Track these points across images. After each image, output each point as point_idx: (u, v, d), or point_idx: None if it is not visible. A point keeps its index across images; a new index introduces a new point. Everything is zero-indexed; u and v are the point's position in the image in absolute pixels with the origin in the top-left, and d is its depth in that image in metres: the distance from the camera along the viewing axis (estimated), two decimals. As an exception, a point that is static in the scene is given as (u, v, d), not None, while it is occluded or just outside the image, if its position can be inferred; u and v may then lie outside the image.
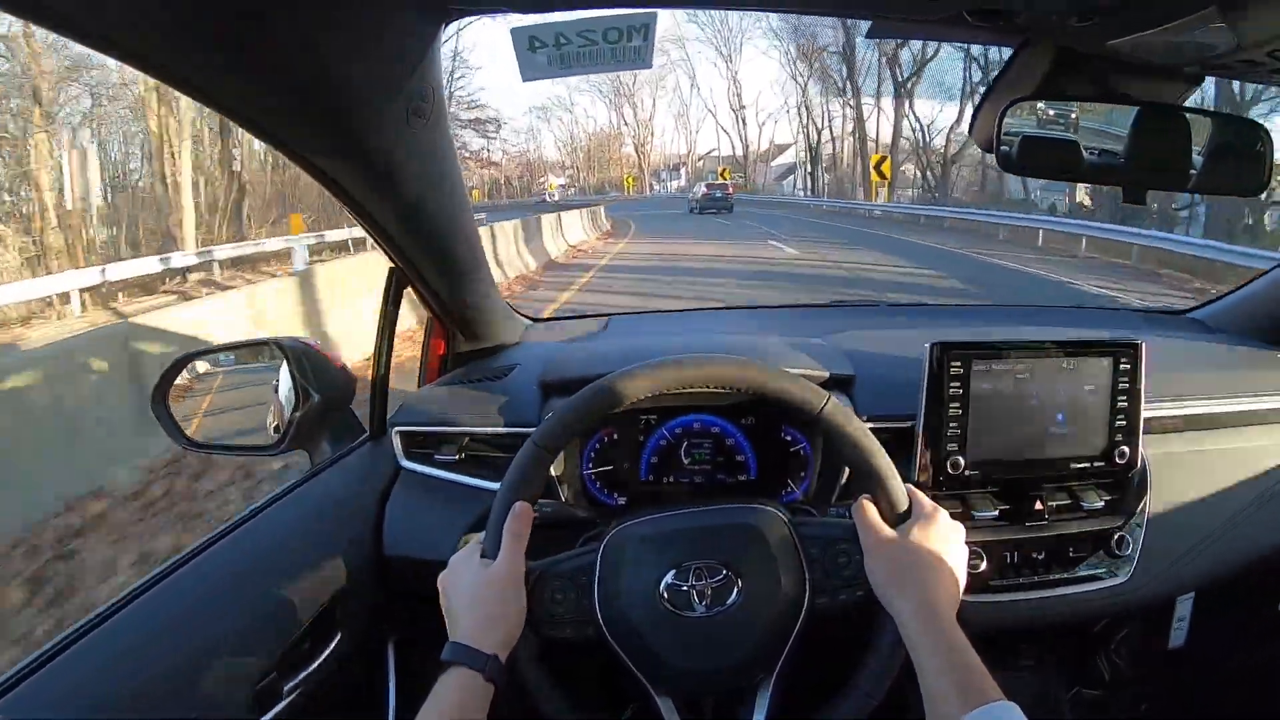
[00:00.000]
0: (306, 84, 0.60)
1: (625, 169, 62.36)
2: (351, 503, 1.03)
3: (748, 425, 1.03)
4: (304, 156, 0.70)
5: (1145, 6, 0.70)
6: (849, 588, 0.72)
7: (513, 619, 0.68)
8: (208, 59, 0.54)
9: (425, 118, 0.73)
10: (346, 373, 1.12)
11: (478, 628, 0.66)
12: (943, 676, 0.62)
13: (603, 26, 0.77)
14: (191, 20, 0.50)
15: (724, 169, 41.21)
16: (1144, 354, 0.96)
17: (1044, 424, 0.96)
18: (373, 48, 0.63)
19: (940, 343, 0.94)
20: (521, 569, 0.70)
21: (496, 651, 0.65)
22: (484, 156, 58.26)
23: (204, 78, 0.56)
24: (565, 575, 0.72)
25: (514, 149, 65.01)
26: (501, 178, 63.71)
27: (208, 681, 0.76)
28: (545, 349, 1.22)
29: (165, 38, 0.51)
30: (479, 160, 58.60)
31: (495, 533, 0.72)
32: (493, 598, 0.68)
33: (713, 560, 0.71)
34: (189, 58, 0.53)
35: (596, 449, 1.03)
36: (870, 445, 0.74)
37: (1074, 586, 0.98)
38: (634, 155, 63.92)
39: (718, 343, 1.21)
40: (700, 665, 0.70)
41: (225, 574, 0.86)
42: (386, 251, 0.94)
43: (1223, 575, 1.05)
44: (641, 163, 63.10)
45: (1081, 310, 1.69)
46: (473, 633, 0.66)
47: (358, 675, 1.00)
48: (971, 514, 0.95)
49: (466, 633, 0.66)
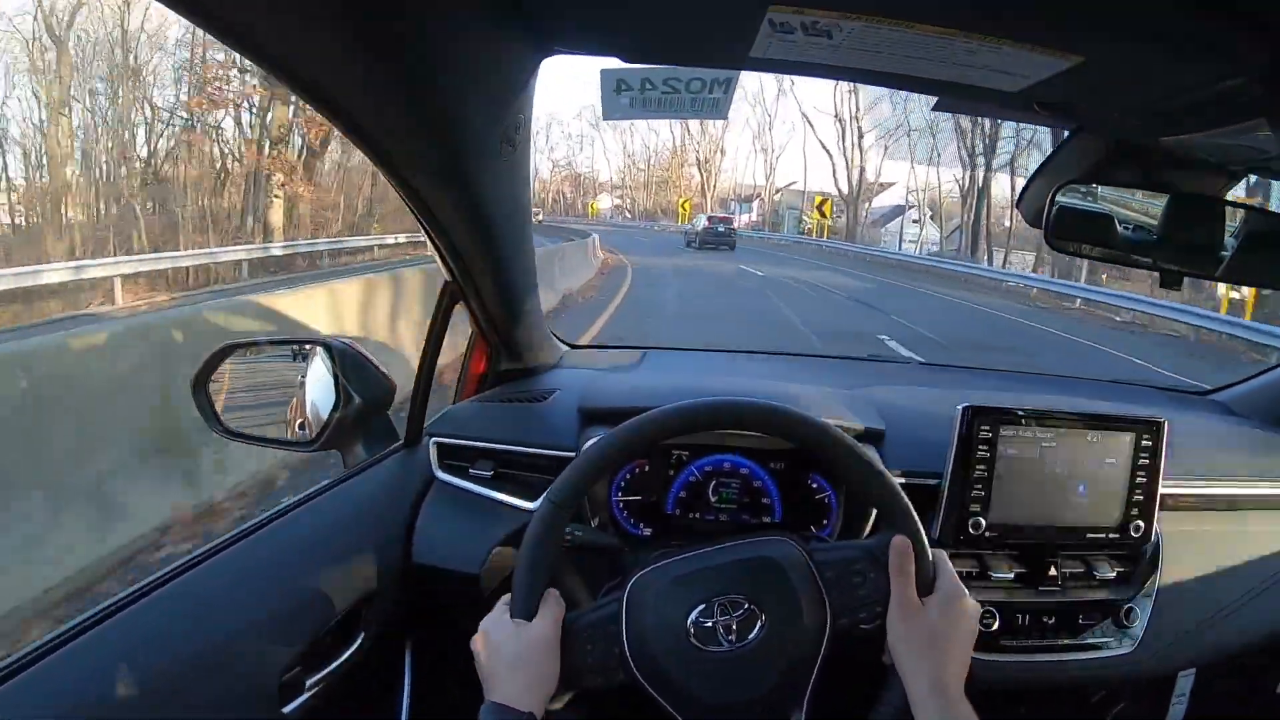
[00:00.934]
0: (419, 109, 0.63)
1: (684, 192, 50.08)
2: (384, 508, 1.05)
3: (776, 469, 1.05)
4: (396, 170, 0.72)
5: (1199, 113, 0.74)
6: (868, 605, 0.73)
7: (550, 678, 0.70)
8: (331, 70, 0.57)
9: (514, 146, 0.77)
10: (387, 378, 1.14)
11: (515, 688, 0.67)
12: None
13: (688, 77, 0.81)
14: (323, 35, 0.53)
15: (823, 199, 33.58)
16: (1165, 432, 1.00)
17: (1065, 493, 0.99)
18: (482, 80, 0.66)
19: (972, 406, 0.97)
20: (559, 631, 0.72)
21: (533, 709, 0.66)
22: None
23: (324, 86, 0.59)
24: (593, 626, 0.73)
25: (560, 157, 57.50)
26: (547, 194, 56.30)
27: (238, 670, 0.78)
28: (585, 376, 1.25)
29: (297, 45, 0.54)
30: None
31: (523, 593, 0.73)
32: (533, 660, 0.69)
33: (734, 595, 0.72)
34: (314, 65, 0.57)
35: (627, 479, 1.05)
36: (892, 492, 0.76)
37: (1080, 653, 1.00)
38: (697, 175, 51.02)
39: (755, 387, 1.24)
40: (731, 699, 0.71)
41: (260, 564, 0.88)
42: (447, 265, 0.97)
43: (1226, 654, 1.07)
44: (705, 185, 49.79)
45: (1108, 384, 1.72)
46: (510, 693, 0.67)
47: (375, 673, 1.01)
48: (988, 573, 0.98)
49: (506, 694, 0.67)
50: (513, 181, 0.84)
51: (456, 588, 1.03)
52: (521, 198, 0.90)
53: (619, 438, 0.76)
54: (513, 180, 0.84)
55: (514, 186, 0.85)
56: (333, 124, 0.60)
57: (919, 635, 0.71)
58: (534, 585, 0.73)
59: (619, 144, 62.39)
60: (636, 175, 57.82)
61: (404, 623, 1.07)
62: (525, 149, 0.81)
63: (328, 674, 0.88)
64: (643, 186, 57.27)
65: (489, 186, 0.80)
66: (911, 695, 0.69)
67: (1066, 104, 0.77)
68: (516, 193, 0.88)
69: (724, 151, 50.21)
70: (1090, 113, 0.79)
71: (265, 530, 0.91)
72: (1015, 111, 0.85)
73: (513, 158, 0.79)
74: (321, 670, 0.87)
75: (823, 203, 28.09)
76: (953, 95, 0.77)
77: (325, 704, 0.87)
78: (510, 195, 0.86)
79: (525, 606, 0.72)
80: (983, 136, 29.11)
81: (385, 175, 0.71)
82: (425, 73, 0.60)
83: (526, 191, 0.91)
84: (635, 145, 58.27)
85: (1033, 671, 1.00)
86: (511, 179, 0.83)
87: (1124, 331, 11.75)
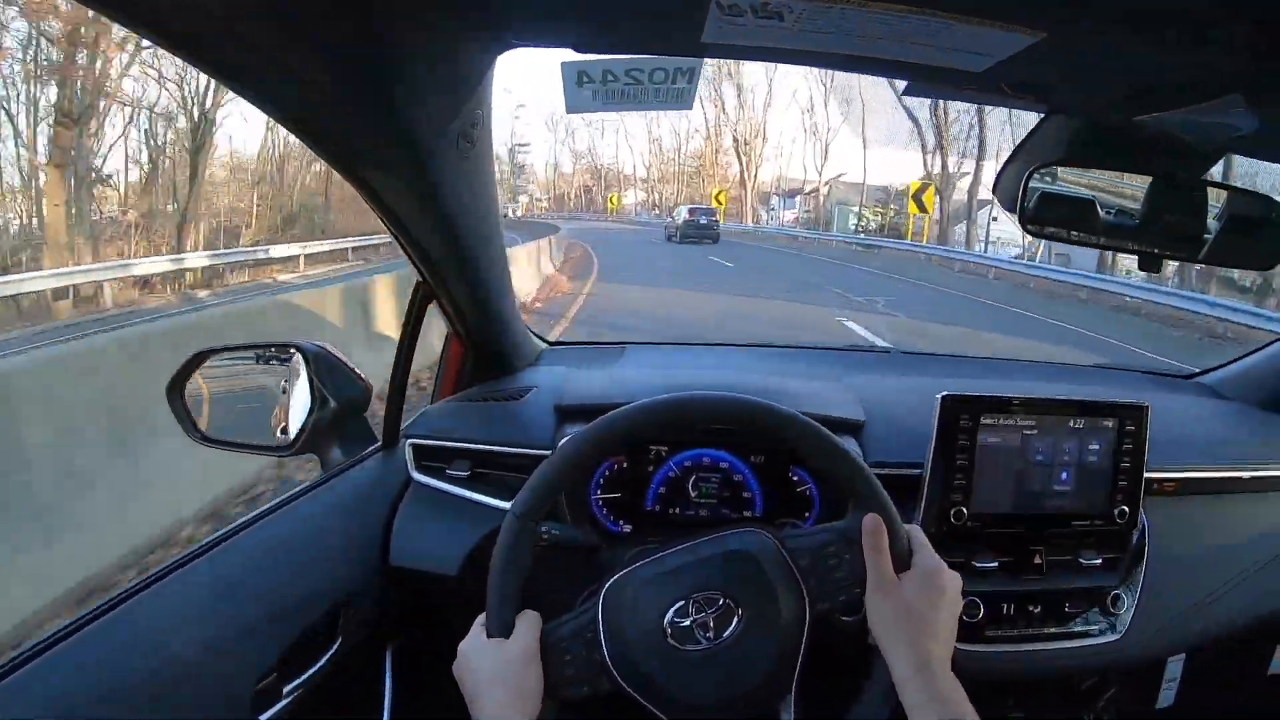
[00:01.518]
0: (368, 104, 0.62)
1: (719, 183, 40.65)
2: (361, 511, 1.04)
3: (756, 463, 1.04)
4: (354, 171, 0.71)
5: (1173, 89, 0.72)
6: (845, 588, 0.72)
7: (534, 693, 0.69)
8: (278, 71, 0.56)
9: (473, 143, 0.76)
10: (363, 380, 1.13)
11: (500, 707, 0.67)
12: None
13: (650, 67, 0.79)
14: (265, 32, 0.52)
15: (923, 185, 25.74)
16: (1149, 417, 0.99)
17: (1048, 480, 0.98)
18: (434, 74, 0.65)
19: (951, 395, 0.96)
20: (538, 645, 0.71)
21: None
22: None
23: (272, 89, 0.58)
24: (572, 635, 0.72)
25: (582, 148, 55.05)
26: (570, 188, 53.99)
27: (210, 677, 0.77)
28: (562, 373, 1.23)
29: (243, 50, 0.53)
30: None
31: (496, 610, 0.72)
32: (514, 675, 0.68)
33: (709, 591, 0.71)
34: (261, 68, 0.56)
35: (606, 475, 1.04)
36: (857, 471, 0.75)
37: (1067, 641, 0.99)
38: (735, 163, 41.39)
39: (730, 380, 1.23)
40: (716, 697, 0.70)
41: (233, 572, 0.87)
42: (417, 266, 0.96)
43: (1215, 638, 1.06)
44: (745, 174, 40.27)
45: (1089, 369, 1.71)
46: (495, 712, 0.66)
47: (355, 679, 1.00)
48: (972, 563, 0.97)
49: (488, 713, 0.66)
50: (476, 179, 0.83)
51: (435, 590, 1.03)
52: (487, 195, 0.89)
53: (585, 440, 0.75)
54: (476, 177, 0.83)
55: (478, 184, 0.84)
56: (277, 120, 0.59)
57: (899, 612, 0.70)
58: (507, 601, 0.72)
59: (644, 130, 56.73)
60: (666, 165, 50.74)
61: (384, 627, 1.06)
62: (486, 146, 0.80)
63: (305, 680, 0.87)
64: (672, 178, 50.05)
65: (450, 184, 0.79)
66: (896, 674, 0.68)
67: (1035, 84, 0.76)
68: (481, 190, 0.87)
69: (765, 137, 41.26)
70: (1059, 93, 0.78)
71: (240, 536, 0.90)
72: (986, 94, 0.84)
73: (473, 154, 0.77)
74: (298, 677, 0.87)
75: (922, 190, 23.05)
76: (918, 78, 0.76)
77: (303, 711, 0.86)
78: (474, 192, 0.85)
79: (500, 623, 0.71)
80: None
81: (339, 172, 0.70)
82: (375, 68, 0.59)
83: (492, 188, 0.90)
84: (662, 130, 53.01)
85: (1020, 662, 0.99)
86: (474, 176, 0.82)
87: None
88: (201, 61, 0.53)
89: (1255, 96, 0.68)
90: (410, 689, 1.08)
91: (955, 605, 0.72)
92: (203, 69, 0.54)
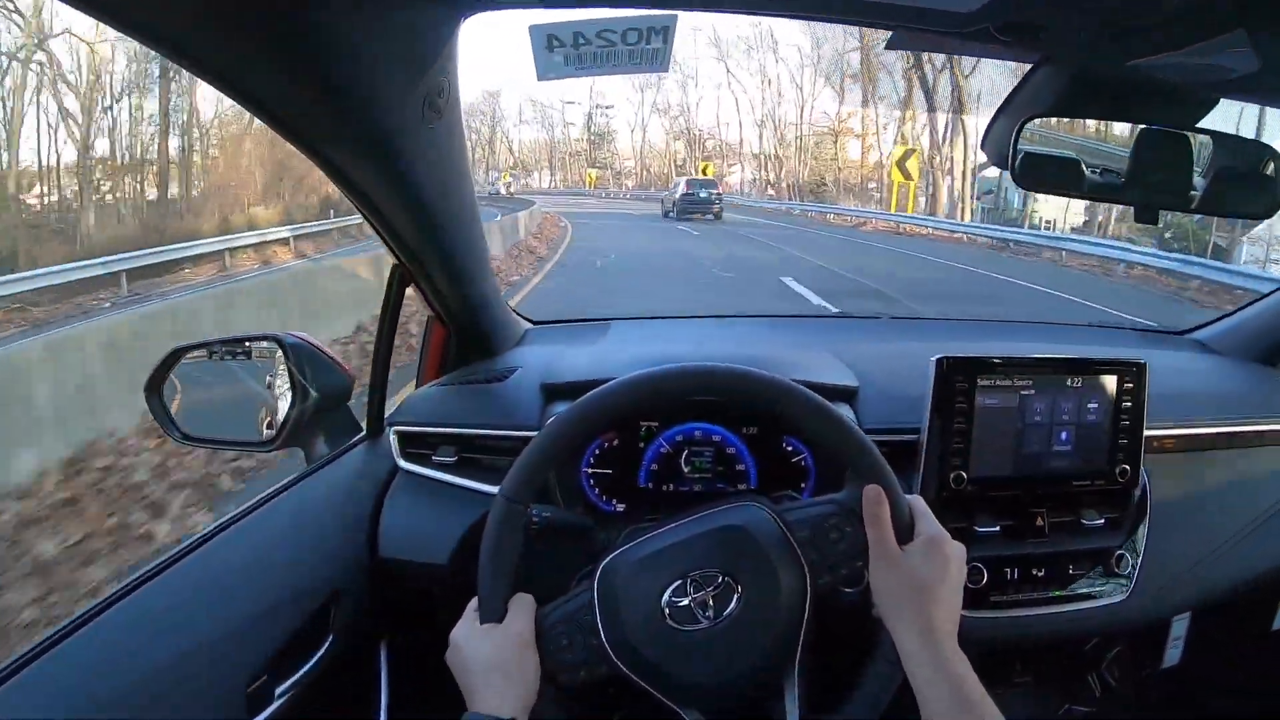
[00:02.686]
0: (322, 74, 0.59)
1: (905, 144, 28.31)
2: (347, 503, 1.02)
3: (749, 435, 1.02)
4: (315, 148, 0.68)
5: (1171, 26, 0.69)
6: (847, 561, 0.71)
7: (530, 679, 0.67)
8: (226, 45, 0.53)
9: (440, 114, 0.72)
10: (344, 370, 1.10)
11: (496, 695, 0.65)
12: (942, 701, 0.62)
13: (622, 28, 0.76)
14: (213, 5, 0.49)
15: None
16: (1147, 374, 0.97)
17: (1047, 441, 0.96)
18: (391, 40, 0.61)
19: (945, 357, 0.94)
20: (532, 629, 0.69)
21: (515, 716, 0.64)
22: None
23: (221, 63, 0.54)
24: (567, 619, 0.70)
25: (674, 102, 45.63)
26: (655, 157, 46.37)
27: (200, 682, 0.75)
28: (547, 352, 1.21)
29: (186, 21, 0.50)
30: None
31: (488, 596, 0.70)
32: (508, 661, 0.67)
33: (707, 569, 0.70)
34: (208, 41, 0.52)
35: (597, 454, 1.02)
36: (856, 439, 0.72)
37: (1072, 604, 0.98)
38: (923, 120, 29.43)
39: (718, 352, 1.20)
40: (719, 676, 0.68)
41: (218, 573, 0.85)
42: (391, 248, 0.93)
43: (1220, 595, 1.06)
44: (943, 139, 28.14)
45: (1082, 328, 1.69)
46: (491, 701, 0.65)
47: (349, 677, 0.99)
48: (973, 528, 0.95)
49: (485, 701, 0.65)
50: (445, 152, 0.79)
51: (426, 580, 1.01)
52: (459, 171, 0.85)
53: (572, 417, 0.73)
54: (447, 152, 0.79)
55: (447, 158, 0.81)
56: (224, 92, 0.56)
57: (903, 584, 0.68)
58: (498, 586, 0.70)
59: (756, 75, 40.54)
60: (786, 133, 37.75)
61: (376, 622, 1.05)
62: (455, 117, 0.76)
63: (297, 680, 0.85)
64: (794, 148, 36.79)
65: (418, 158, 0.75)
66: (901, 647, 0.66)
67: (1026, 26, 0.72)
68: (451, 164, 0.83)
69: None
70: (1052, 35, 0.74)
71: (223, 535, 0.88)
72: (976, 43, 0.80)
73: (441, 126, 0.74)
74: (290, 677, 0.85)
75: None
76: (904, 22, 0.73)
77: (297, 711, 0.84)
78: (445, 168, 0.82)
79: (493, 609, 0.69)
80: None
81: (299, 149, 0.66)
82: (325, 36, 0.56)
83: (464, 162, 0.86)
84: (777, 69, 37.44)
85: (1024, 625, 0.98)
86: (443, 150, 0.78)
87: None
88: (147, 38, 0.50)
89: (1257, 32, 0.65)
90: (406, 684, 1.07)
91: (960, 574, 0.71)
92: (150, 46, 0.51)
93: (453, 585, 0.96)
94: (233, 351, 1.16)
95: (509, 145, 59.34)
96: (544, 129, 59.40)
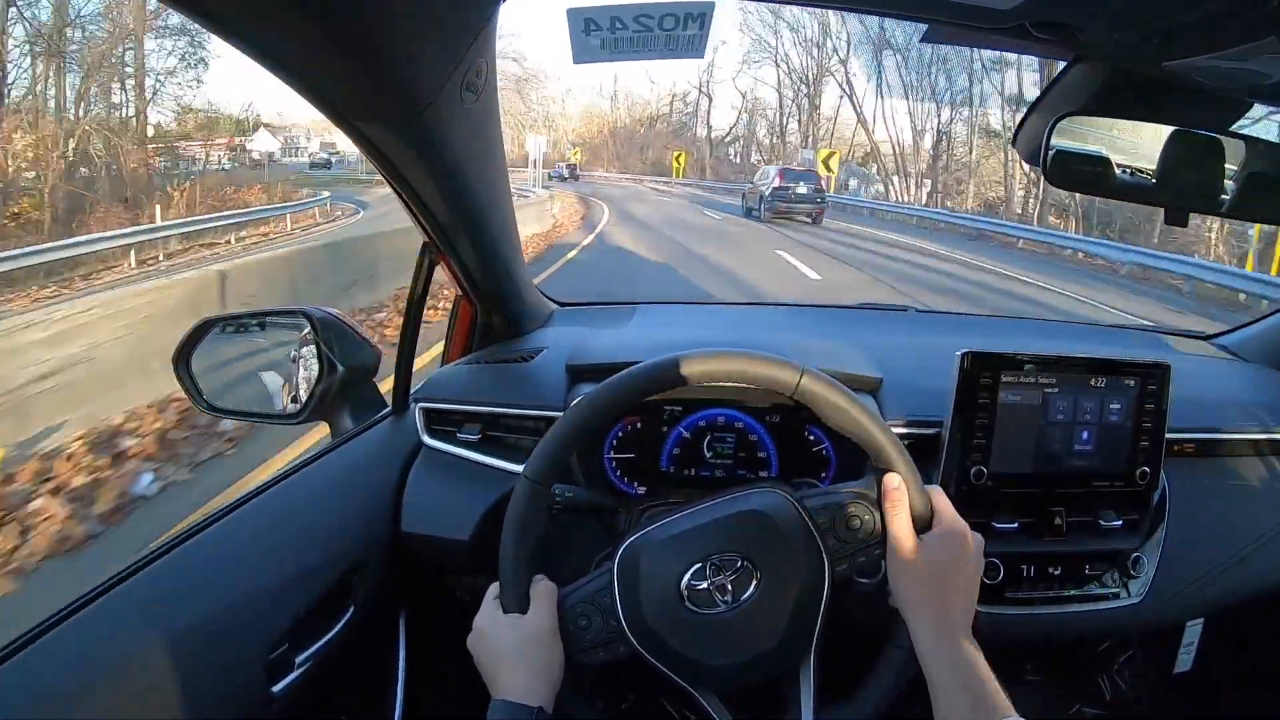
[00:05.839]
0: (363, 50, 0.60)
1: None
2: (371, 477, 1.03)
3: (772, 422, 1.02)
4: (352, 123, 0.69)
5: (1206, 31, 0.69)
6: (865, 549, 0.72)
7: (555, 668, 0.68)
8: (266, 20, 0.54)
9: (477, 93, 0.73)
10: (371, 345, 1.12)
11: (523, 683, 0.66)
12: (954, 692, 0.63)
13: (660, 13, 0.77)
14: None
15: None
16: (1171, 377, 0.96)
17: (1068, 440, 0.96)
18: (432, 17, 0.62)
19: (971, 352, 0.94)
20: (555, 618, 0.70)
21: (541, 703, 0.65)
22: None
23: (262, 39, 0.55)
24: (587, 600, 0.71)
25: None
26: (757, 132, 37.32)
27: (222, 650, 0.76)
28: (573, 333, 1.22)
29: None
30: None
31: (511, 583, 0.70)
32: (534, 651, 0.68)
33: (726, 553, 0.70)
34: (249, 14, 0.53)
35: (620, 436, 1.03)
36: (878, 429, 0.73)
37: (1087, 604, 0.98)
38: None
39: (743, 338, 1.21)
40: (735, 659, 0.69)
41: (242, 543, 0.86)
42: (421, 224, 0.94)
43: (1235, 602, 1.05)
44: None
45: (1109, 329, 1.68)
46: (517, 689, 0.65)
47: (368, 648, 1.00)
48: (991, 524, 0.96)
49: (510, 689, 0.65)
50: (481, 131, 0.81)
51: (447, 556, 1.02)
52: (493, 150, 0.86)
53: (598, 399, 0.74)
54: (481, 130, 0.80)
55: (483, 137, 0.82)
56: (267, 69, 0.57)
57: (919, 573, 0.69)
58: (521, 574, 0.71)
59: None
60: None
61: (396, 595, 1.06)
62: (492, 97, 0.77)
63: (317, 650, 0.86)
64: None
65: (454, 137, 0.76)
66: (915, 636, 0.67)
67: (1063, 25, 0.72)
68: (488, 145, 0.84)
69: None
70: (1088, 34, 0.75)
71: (250, 505, 0.90)
72: (1010, 39, 0.81)
73: (478, 106, 0.75)
74: (311, 647, 0.86)
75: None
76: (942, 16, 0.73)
77: (317, 681, 0.85)
78: (480, 146, 0.83)
79: (516, 597, 0.70)
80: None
81: (336, 124, 0.67)
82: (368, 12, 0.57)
83: (498, 143, 0.87)
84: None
85: (1038, 624, 0.98)
86: (479, 128, 0.80)
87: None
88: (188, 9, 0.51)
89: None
90: (424, 656, 1.08)
91: (977, 566, 0.71)
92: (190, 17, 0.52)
93: (474, 562, 0.97)
94: (261, 324, 1.18)
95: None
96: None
